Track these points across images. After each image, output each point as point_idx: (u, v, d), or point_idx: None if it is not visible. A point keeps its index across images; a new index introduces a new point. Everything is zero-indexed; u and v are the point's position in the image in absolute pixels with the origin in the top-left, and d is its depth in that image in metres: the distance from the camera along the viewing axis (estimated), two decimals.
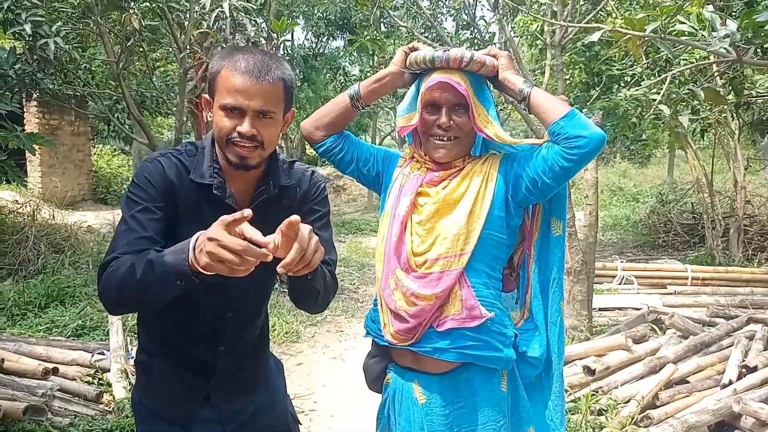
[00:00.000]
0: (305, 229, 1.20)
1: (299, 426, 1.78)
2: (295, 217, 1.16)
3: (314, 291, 1.40)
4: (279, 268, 1.18)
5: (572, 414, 3.32)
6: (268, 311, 1.70)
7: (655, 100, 3.84)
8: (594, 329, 4.65)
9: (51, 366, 3.52)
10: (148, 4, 5.36)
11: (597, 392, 3.48)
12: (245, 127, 1.36)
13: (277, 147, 1.52)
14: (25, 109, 9.95)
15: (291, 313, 5.44)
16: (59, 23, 5.34)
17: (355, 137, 1.89)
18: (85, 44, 6.80)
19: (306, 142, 17.96)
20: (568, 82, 5.41)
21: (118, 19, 5.39)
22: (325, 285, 1.44)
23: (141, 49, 6.60)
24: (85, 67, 6.82)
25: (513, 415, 1.70)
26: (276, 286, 6.42)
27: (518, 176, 1.63)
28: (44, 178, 10.55)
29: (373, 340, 1.80)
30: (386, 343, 1.71)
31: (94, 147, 13.09)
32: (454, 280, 1.60)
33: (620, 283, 6.33)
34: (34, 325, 4.52)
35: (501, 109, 9.00)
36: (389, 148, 1.95)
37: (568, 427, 3.13)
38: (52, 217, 7.63)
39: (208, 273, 1.16)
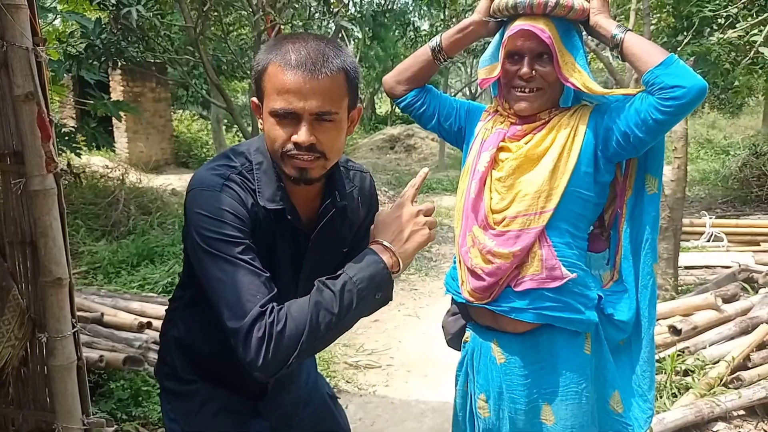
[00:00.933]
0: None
1: (338, 401, 1.72)
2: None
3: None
4: None
5: (657, 374, 3.22)
6: None
7: (755, 42, 3.53)
8: (680, 288, 4.47)
9: (145, 320, 3.76)
10: None
11: (683, 352, 3.36)
12: (302, 135, 1.11)
13: None
14: (110, 78, 10.42)
15: None
16: None
17: (438, 91, 1.85)
18: (164, 11, 6.98)
19: (374, 101, 17.86)
20: (655, 26, 5.07)
21: None
22: (342, 310, 1.10)
23: (216, 14, 6.73)
24: (165, 34, 7.02)
25: (597, 378, 1.65)
26: None
27: (609, 129, 1.54)
28: (130, 143, 11.09)
29: (452, 297, 1.80)
30: (464, 301, 1.70)
31: (174, 113, 13.59)
32: (533, 238, 1.55)
33: (708, 241, 6.02)
34: (127, 282, 4.83)
35: None
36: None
37: None
38: (139, 180, 8.06)
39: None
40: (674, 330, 3.46)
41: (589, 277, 1.63)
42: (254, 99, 1.22)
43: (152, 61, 7.60)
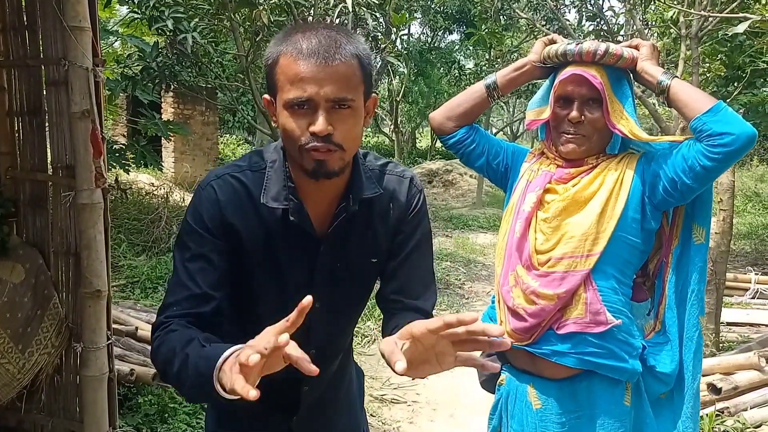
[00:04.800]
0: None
1: None
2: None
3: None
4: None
5: None
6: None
7: None
8: (721, 345, 4.29)
9: None
10: (276, 0, 5.63)
11: (722, 413, 3.21)
12: (319, 124, 1.04)
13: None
14: (162, 99, 10.80)
15: None
16: (196, 19, 5.74)
17: (484, 130, 1.85)
18: (218, 39, 7.25)
19: (416, 135, 17.90)
20: (703, 76, 5.01)
21: (249, 16, 5.70)
22: None
23: (268, 44, 6.95)
24: (217, 60, 7.27)
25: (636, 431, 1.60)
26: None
27: (656, 176, 1.52)
28: (176, 163, 11.41)
29: None
30: None
31: (221, 136, 13.96)
32: (579, 281, 1.53)
33: (753, 297, 5.78)
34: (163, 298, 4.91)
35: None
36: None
37: None
38: (182, 199, 8.25)
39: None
40: (713, 388, 3.33)
41: (633, 325, 1.59)
42: (266, 96, 1.15)
43: (203, 85, 7.87)
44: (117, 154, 6.48)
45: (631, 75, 1.62)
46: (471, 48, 15.40)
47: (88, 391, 2.65)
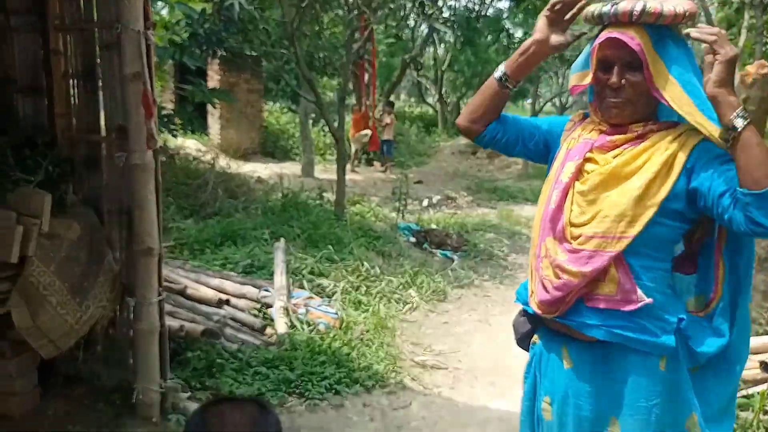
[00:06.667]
0: None
1: None
2: None
3: None
4: None
5: (742, 410, 3.01)
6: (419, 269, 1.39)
7: None
8: None
9: (225, 297, 3.92)
10: None
11: None
12: None
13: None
14: (208, 66, 10.93)
15: (439, 273, 5.51)
16: None
17: (513, 115, 1.79)
18: (264, 5, 7.25)
19: (460, 105, 17.62)
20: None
21: None
22: None
23: (313, 11, 6.91)
24: (263, 27, 7.29)
25: (672, 397, 1.53)
26: (425, 245, 6.46)
27: (700, 187, 1.42)
28: (222, 130, 11.58)
29: (522, 307, 1.76)
30: (533, 313, 1.65)
31: (266, 104, 14.07)
32: (608, 261, 1.47)
33: None
34: (210, 260, 5.04)
35: None
36: (549, 114, 1.84)
37: (737, 425, 2.85)
38: (228, 166, 8.40)
39: None
40: (765, 366, 3.23)
41: (670, 300, 1.53)
42: None
43: (249, 53, 7.92)
44: (165, 119, 6.63)
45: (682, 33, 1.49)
46: (520, 16, 14.98)
47: (141, 344, 2.76)
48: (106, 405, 2.85)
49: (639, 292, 1.47)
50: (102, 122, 3.05)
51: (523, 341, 1.78)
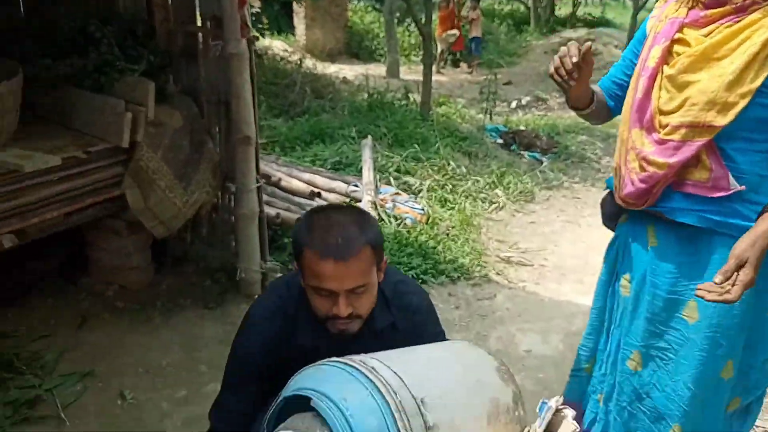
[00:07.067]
0: None
1: None
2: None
3: None
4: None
5: None
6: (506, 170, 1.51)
7: None
8: None
9: (316, 190, 4.05)
10: None
11: None
12: (341, 309, 1.28)
13: None
14: None
15: (527, 174, 5.40)
16: None
17: (613, 83, 1.70)
18: None
19: (555, 2, 16.29)
20: None
21: None
22: None
23: None
24: None
25: (757, 289, 1.42)
26: (513, 147, 6.31)
27: None
28: (308, 30, 11.48)
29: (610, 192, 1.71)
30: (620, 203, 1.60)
31: (350, 2, 13.73)
32: (695, 151, 1.37)
33: None
34: (301, 156, 5.17)
35: None
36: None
37: None
38: (314, 66, 8.39)
39: None
40: None
41: (766, 183, 1.41)
42: (295, 263, 1.35)
43: None
44: (253, 18, 6.62)
45: None
46: None
47: (242, 228, 2.93)
48: (213, 283, 3.09)
49: (731, 178, 1.38)
50: (197, 13, 3.09)
51: (611, 220, 1.75)
